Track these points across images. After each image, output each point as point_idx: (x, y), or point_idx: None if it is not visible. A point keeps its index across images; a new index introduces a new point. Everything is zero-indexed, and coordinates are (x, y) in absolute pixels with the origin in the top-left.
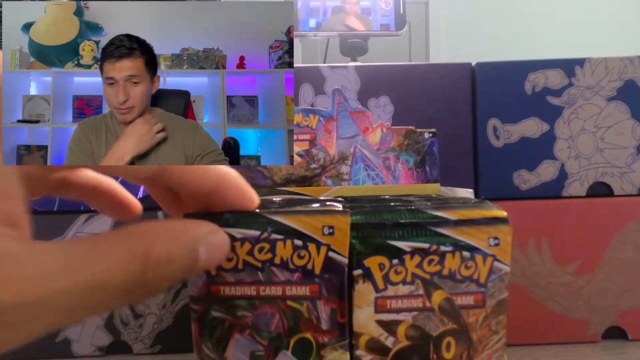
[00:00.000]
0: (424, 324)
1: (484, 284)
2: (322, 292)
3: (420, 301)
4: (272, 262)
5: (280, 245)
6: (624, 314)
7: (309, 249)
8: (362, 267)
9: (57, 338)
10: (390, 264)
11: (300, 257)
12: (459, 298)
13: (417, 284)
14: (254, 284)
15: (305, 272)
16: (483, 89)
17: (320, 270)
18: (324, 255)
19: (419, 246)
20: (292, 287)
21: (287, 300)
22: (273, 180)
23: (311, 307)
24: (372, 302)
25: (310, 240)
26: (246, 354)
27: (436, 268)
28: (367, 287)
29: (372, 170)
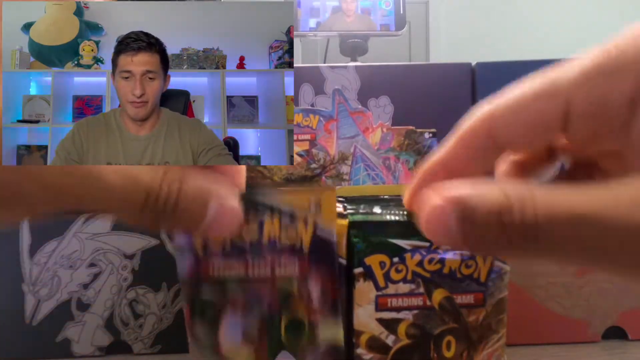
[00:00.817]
0: (425, 323)
1: (484, 282)
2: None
3: (421, 299)
4: (260, 242)
5: (268, 223)
6: (624, 314)
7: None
8: (363, 265)
9: (57, 338)
10: (391, 262)
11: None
12: (459, 297)
13: (418, 282)
14: (243, 264)
15: (293, 250)
16: (483, 89)
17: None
18: (312, 232)
19: (420, 244)
20: (281, 267)
21: (277, 279)
22: (273, 180)
23: (301, 285)
24: (372, 301)
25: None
26: (238, 332)
27: (436, 267)
28: (367, 286)
29: (372, 170)
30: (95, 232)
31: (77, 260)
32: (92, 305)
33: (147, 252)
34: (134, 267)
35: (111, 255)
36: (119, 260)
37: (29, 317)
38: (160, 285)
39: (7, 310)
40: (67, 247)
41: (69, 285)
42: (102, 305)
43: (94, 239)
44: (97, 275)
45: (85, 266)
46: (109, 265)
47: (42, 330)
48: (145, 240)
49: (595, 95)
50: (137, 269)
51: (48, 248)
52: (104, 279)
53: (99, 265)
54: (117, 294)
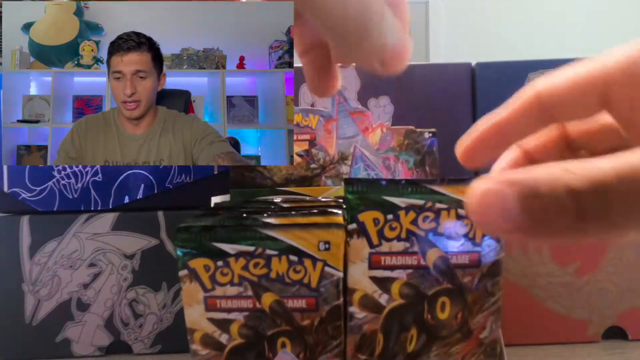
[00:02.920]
0: (419, 283)
1: (479, 243)
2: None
3: (415, 259)
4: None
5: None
6: (624, 314)
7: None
8: (356, 221)
9: (57, 338)
10: (385, 220)
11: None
12: (454, 257)
13: (412, 240)
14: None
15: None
16: (483, 89)
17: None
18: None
19: (415, 203)
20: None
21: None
22: (273, 180)
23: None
24: (366, 258)
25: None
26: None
27: (431, 225)
28: (361, 242)
29: (372, 170)
30: (95, 232)
31: (77, 260)
32: (92, 305)
33: (147, 252)
34: (134, 267)
35: (111, 255)
36: (119, 260)
37: (29, 317)
38: (160, 285)
39: (7, 310)
40: (67, 247)
41: (69, 285)
42: (102, 305)
43: (94, 239)
44: (97, 275)
45: (85, 266)
46: (109, 265)
47: (42, 330)
48: (145, 240)
49: (632, 72)
50: (137, 269)
51: (48, 248)
52: (104, 279)
53: (99, 265)
54: (117, 294)
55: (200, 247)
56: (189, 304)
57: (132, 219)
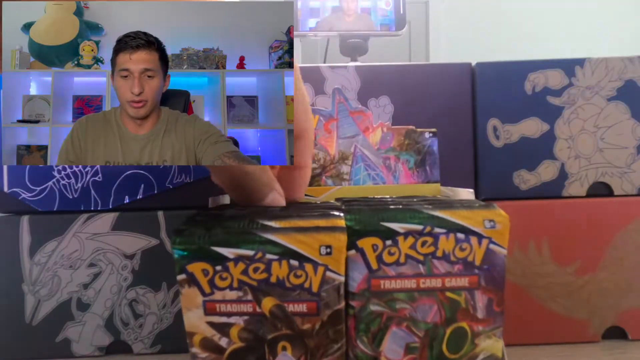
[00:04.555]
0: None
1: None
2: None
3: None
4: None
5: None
6: (624, 314)
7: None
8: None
9: (57, 338)
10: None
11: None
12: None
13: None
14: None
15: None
16: (483, 89)
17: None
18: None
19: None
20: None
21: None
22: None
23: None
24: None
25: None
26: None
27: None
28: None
29: (373, 170)
30: (95, 232)
31: (77, 260)
32: (92, 305)
33: (147, 252)
34: (134, 267)
35: (111, 255)
36: (119, 260)
37: (29, 317)
38: (160, 285)
39: (7, 310)
40: (67, 247)
41: (69, 285)
42: (102, 305)
43: (94, 239)
44: (97, 275)
45: (85, 266)
46: (109, 265)
47: (42, 330)
48: (145, 240)
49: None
50: (137, 269)
51: (48, 248)
52: (104, 279)
53: (99, 265)
54: (117, 294)
55: (198, 250)
56: (188, 307)
57: (132, 219)
